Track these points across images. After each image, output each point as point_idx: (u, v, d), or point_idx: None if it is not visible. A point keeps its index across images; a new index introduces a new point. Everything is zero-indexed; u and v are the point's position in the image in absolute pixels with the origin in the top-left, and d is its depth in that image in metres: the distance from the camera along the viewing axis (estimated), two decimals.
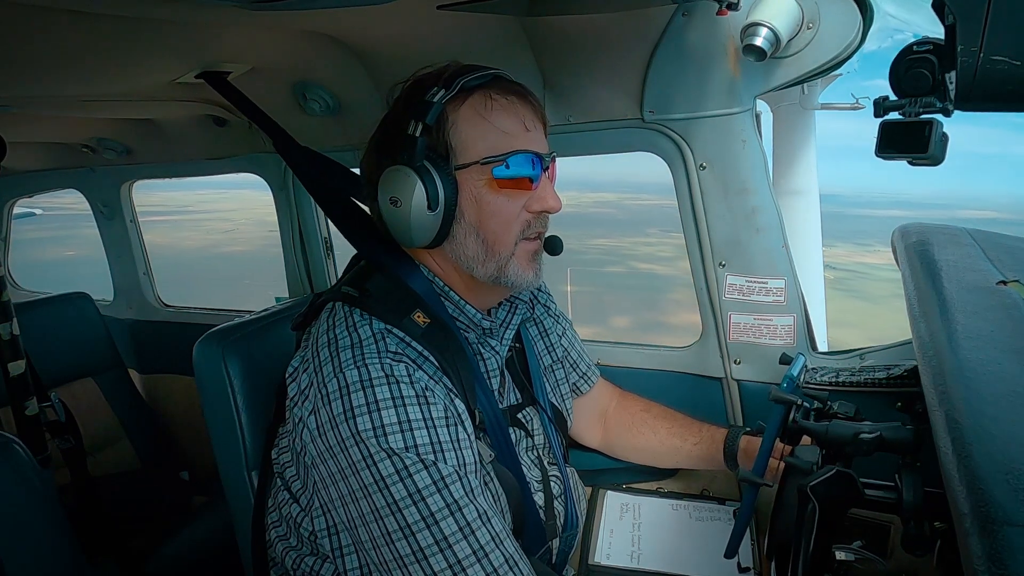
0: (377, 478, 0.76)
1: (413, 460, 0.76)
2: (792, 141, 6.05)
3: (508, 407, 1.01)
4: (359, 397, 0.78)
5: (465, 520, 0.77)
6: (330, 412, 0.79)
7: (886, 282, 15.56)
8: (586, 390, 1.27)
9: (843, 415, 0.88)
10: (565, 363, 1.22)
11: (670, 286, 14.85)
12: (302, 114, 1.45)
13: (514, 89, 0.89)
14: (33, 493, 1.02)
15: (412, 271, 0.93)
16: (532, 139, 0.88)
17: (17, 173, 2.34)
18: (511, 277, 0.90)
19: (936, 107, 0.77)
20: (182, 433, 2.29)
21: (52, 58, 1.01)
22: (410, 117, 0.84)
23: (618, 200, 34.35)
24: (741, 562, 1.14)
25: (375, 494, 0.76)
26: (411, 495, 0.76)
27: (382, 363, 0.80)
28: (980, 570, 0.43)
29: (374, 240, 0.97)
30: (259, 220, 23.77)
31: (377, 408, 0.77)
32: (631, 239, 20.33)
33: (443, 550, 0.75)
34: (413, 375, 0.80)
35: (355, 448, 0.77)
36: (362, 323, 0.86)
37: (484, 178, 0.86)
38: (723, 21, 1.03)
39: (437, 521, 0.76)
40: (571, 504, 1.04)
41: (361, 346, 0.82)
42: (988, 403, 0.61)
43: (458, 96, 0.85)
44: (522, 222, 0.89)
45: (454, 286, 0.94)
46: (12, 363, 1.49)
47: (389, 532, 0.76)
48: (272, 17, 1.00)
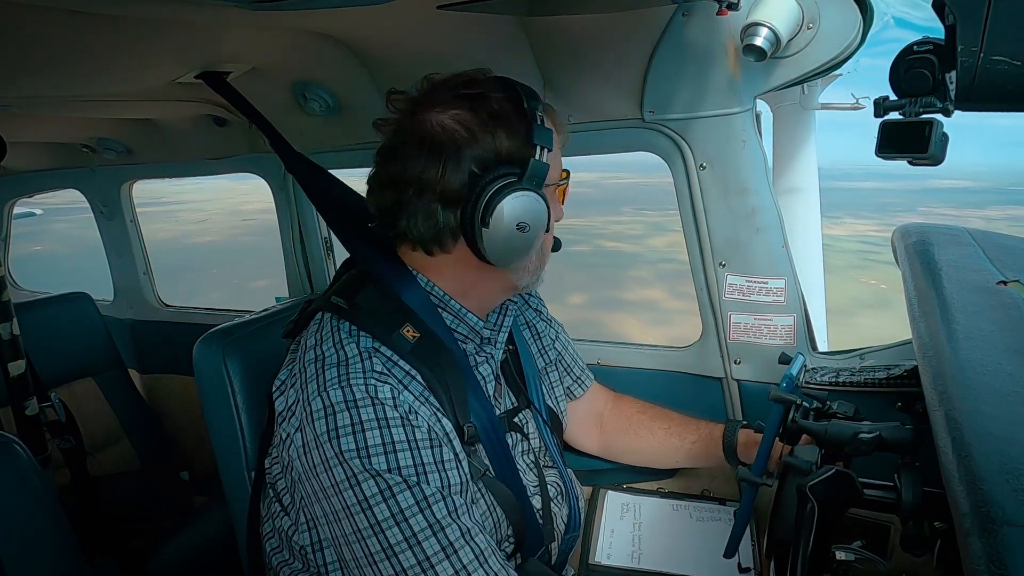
0: (360, 498, 0.76)
1: (396, 481, 0.76)
2: (792, 141, 6.04)
3: (504, 412, 1.00)
4: (344, 417, 0.78)
5: (448, 540, 0.77)
6: (315, 431, 0.79)
7: (847, 253, 15.78)
8: (580, 394, 1.26)
9: (842, 415, 0.89)
10: (559, 366, 1.22)
11: (633, 263, 14.89)
12: (302, 114, 1.45)
13: (550, 105, 0.92)
14: (33, 493, 1.02)
15: (408, 281, 0.91)
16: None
17: (17, 173, 2.33)
18: (531, 283, 0.95)
19: (936, 107, 0.77)
20: (182, 433, 2.29)
21: (52, 58, 1.01)
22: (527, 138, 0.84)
23: (597, 180, 34.24)
24: (741, 562, 1.14)
25: (358, 515, 0.76)
26: (393, 516, 0.76)
27: (367, 384, 0.79)
28: (980, 570, 0.43)
29: (371, 246, 0.95)
30: (232, 210, 23.65)
31: (362, 429, 0.77)
32: (603, 218, 20.25)
33: (425, 570, 0.76)
34: (398, 397, 0.80)
35: (339, 468, 0.77)
36: (349, 341, 0.84)
37: (553, 196, 0.91)
38: (723, 21, 1.02)
39: (420, 541, 0.76)
40: (573, 505, 1.04)
41: (347, 365, 0.82)
42: (988, 403, 0.61)
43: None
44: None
45: (454, 294, 0.92)
46: (12, 363, 1.49)
47: (372, 553, 0.76)
48: (272, 17, 1.00)
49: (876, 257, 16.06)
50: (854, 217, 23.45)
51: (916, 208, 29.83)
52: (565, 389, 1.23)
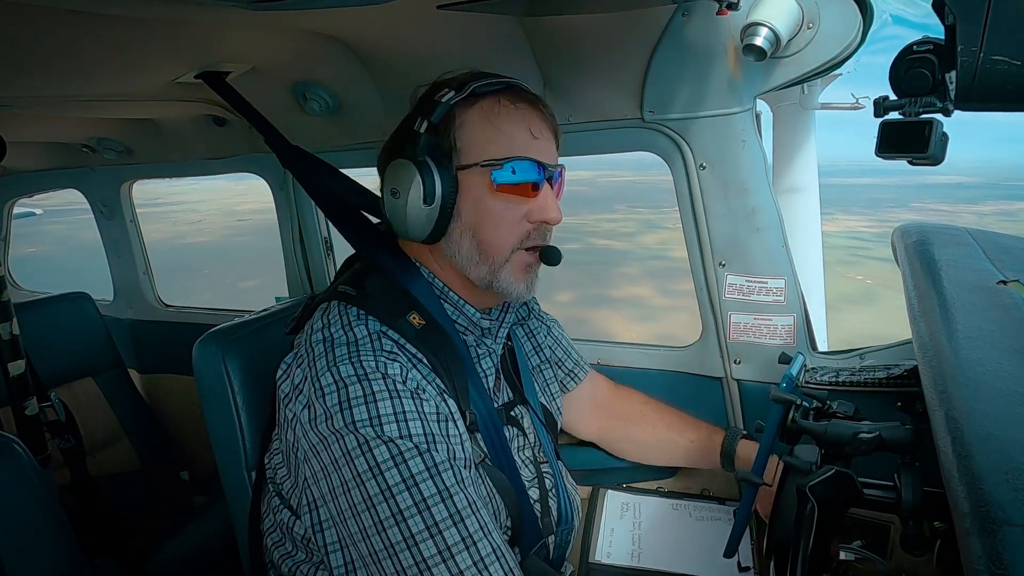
0: (372, 464, 0.77)
1: (408, 447, 0.78)
2: (792, 141, 6.04)
3: (502, 405, 1.02)
4: (356, 389, 0.79)
5: (456, 507, 0.78)
6: (324, 405, 0.80)
7: (837, 249, 15.82)
8: (573, 387, 1.28)
9: (842, 415, 0.88)
10: (552, 362, 1.23)
11: (623, 260, 14.96)
12: (302, 114, 1.45)
13: (526, 97, 0.90)
14: (33, 493, 1.02)
15: (411, 272, 0.94)
16: (538, 147, 0.89)
17: (17, 173, 2.34)
18: (502, 284, 0.91)
19: (936, 107, 0.77)
20: (182, 433, 2.29)
21: (52, 58, 1.01)
22: (418, 115, 0.87)
23: (592, 178, 34.30)
24: (741, 561, 1.14)
25: (368, 481, 0.77)
26: (404, 480, 0.77)
27: (376, 361, 0.81)
28: (980, 570, 0.43)
29: (374, 240, 0.98)
30: (227, 210, 23.91)
31: (374, 400, 0.79)
32: (595, 216, 20.30)
33: (433, 536, 0.76)
34: (407, 375, 0.82)
35: (350, 436, 0.78)
36: (358, 323, 0.86)
37: (484, 181, 0.87)
38: (723, 21, 1.02)
39: (429, 507, 0.76)
40: (563, 499, 1.05)
41: (357, 344, 0.83)
42: (988, 403, 0.61)
43: (469, 99, 0.87)
44: (521, 231, 0.89)
45: (452, 286, 0.94)
46: (12, 363, 1.49)
47: (381, 520, 0.77)
48: (272, 17, 1.00)
49: (865, 253, 16.10)
50: (846, 213, 23.41)
51: (909, 204, 29.77)
52: (559, 383, 1.25)
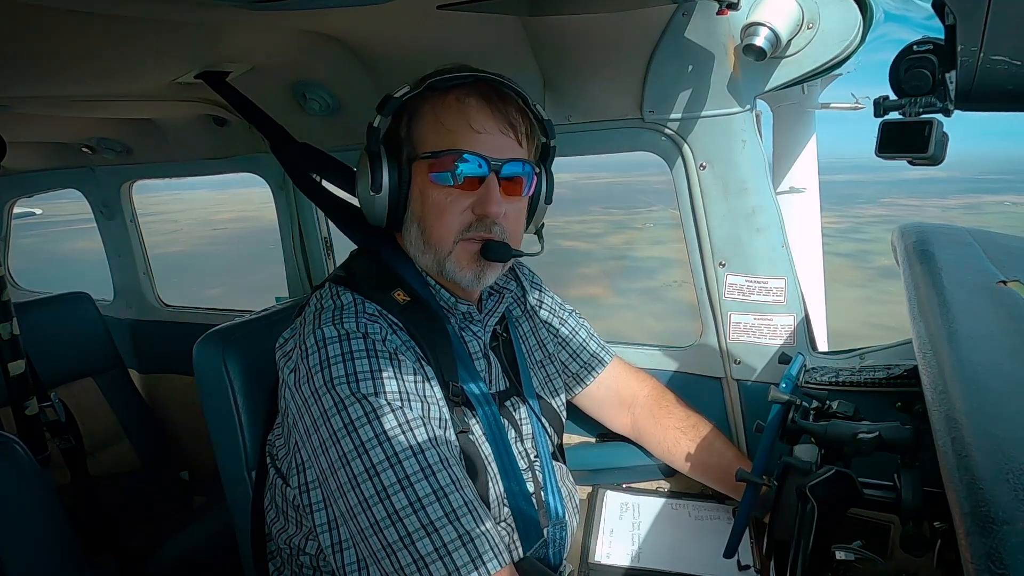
0: (347, 421, 0.80)
1: (381, 404, 0.80)
2: (792, 141, 6.04)
3: (497, 392, 1.03)
4: (335, 348, 0.83)
5: (427, 462, 0.80)
6: (307, 365, 0.83)
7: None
8: (590, 381, 1.27)
9: (842, 415, 0.88)
10: (562, 355, 1.23)
11: (585, 260, 15.05)
12: (302, 114, 1.45)
13: (483, 92, 0.90)
14: (33, 493, 1.02)
15: (403, 258, 0.98)
16: (480, 141, 0.89)
17: (17, 173, 2.34)
18: (450, 273, 0.94)
19: (936, 107, 0.77)
20: (182, 433, 2.29)
21: (52, 58, 1.01)
22: (377, 110, 0.91)
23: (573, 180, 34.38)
24: (741, 561, 1.14)
25: (343, 438, 0.80)
26: (376, 436, 0.79)
27: (358, 321, 0.86)
28: (980, 570, 0.43)
29: (371, 233, 1.02)
30: (203, 220, 24.07)
31: (352, 357, 0.82)
32: (567, 218, 20.46)
33: (404, 488, 0.78)
34: (387, 337, 0.86)
35: (328, 395, 0.81)
36: (345, 293, 0.93)
37: (427, 173, 0.90)
38: (723, 21, 1.02)
39: (400, 461, 0.79)
40: (553, 496, 1.05)
41: (342, 309, 0.89)
42: (988, 403, 0.61)
43: (425, 94, 0.90)
44: (463, 222, 0.92)
45: (429, 272, 0.98)
46: (12, 363, 1.49)
47: (356, 475, 0.79)
48: (272, 17, 1.00)
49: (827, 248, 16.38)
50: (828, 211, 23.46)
51: (878, 200, 29.90)
52: (571, 377, 1.24)
